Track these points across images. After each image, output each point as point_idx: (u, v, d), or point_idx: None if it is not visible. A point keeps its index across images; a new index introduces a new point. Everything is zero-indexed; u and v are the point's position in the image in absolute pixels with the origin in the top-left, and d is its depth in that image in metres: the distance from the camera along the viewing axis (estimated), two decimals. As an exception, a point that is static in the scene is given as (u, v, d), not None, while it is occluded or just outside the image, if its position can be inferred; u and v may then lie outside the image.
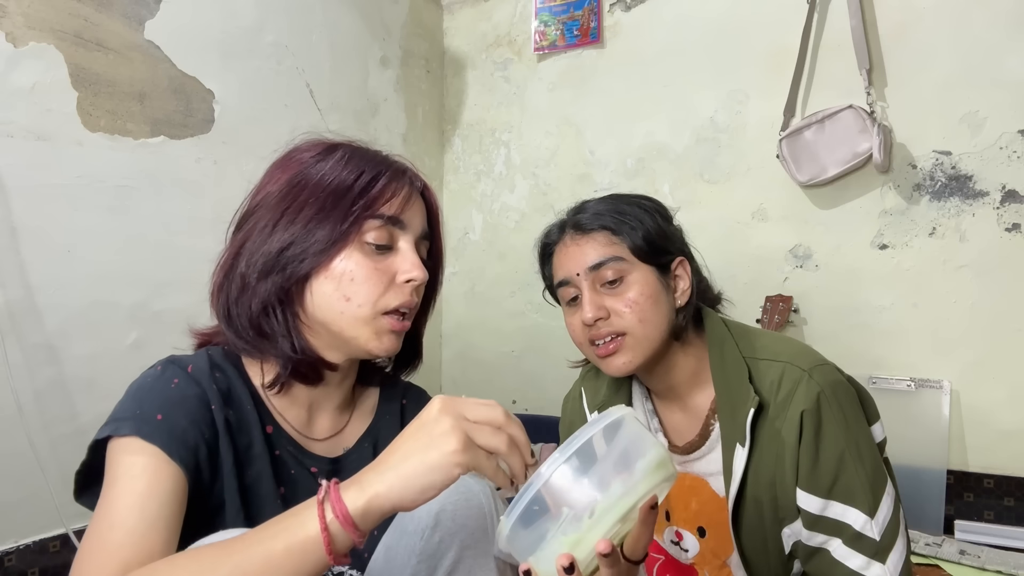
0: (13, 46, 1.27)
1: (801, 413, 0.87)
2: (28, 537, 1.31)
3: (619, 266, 0.93)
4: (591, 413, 1.08)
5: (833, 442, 0.86)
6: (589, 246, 0.95)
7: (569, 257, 0.97)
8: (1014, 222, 1.57)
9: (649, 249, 0.94)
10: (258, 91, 1.72)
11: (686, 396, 1.00)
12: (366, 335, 0.76)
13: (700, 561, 1.00)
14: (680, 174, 1.96)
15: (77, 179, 1.37)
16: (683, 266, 0.98)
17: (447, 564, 0.72)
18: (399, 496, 0.57)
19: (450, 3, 2.39)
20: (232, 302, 0.77)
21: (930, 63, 1.63)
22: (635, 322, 0.91)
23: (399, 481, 0.57)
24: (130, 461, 0.66)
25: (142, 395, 0.71)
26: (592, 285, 0.94)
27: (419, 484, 0.57)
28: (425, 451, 0.58)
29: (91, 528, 0.64)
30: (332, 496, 0.57)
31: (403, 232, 0.78)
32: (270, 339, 0.77)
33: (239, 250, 0.77)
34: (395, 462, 0.59)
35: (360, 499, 0.57)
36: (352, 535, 0.57)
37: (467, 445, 0.58)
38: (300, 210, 0.75)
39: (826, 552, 0.87)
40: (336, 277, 0.75)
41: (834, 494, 0.86)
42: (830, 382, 0.89)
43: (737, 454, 0.91)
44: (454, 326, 2.39)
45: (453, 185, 2.40)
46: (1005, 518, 1.56)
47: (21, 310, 1.29)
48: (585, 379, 1.15)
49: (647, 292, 0.92)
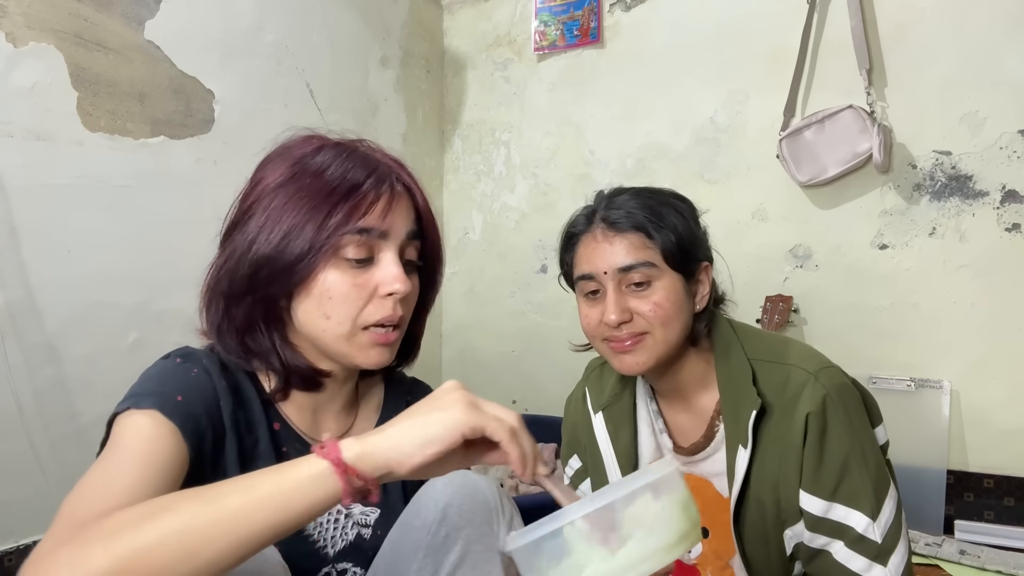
0: (13, 46, 1.27)
1: (806, 415, 0.87)
2: (28, 537, 1.31)
3: (649, 271, 0.90)
4: (595, 414, 1.08)
5: (837, 445, 0.86)
6: (620, 246, 0.92)
7: (598, 253, 0.93)
8: (1014, 222, 1.57)
9: (680, 256, 0.92)
10: (258, 91, 1.72)
11: (691, 397, 1.00)
12: (351, 351, 0.75)
13: (703, 561, 1.00)
14: (680, 174, 1.96)
15: (77, 179, 1.37)
16: (706, 272, 0.98)
17: (453, 558, 0.72)
18: (394, 447, 0.56)
19: (450, 3, 2.39)
20: (219, 320, 0.77)
21: (930, 63, 1.63)
22: (657, 325, 0.90)
23: (398, 433, 0.57)
24: (141, 424, 0.66)
25: (164, 376, 0.72)
26: (618, 286, 0.92)
27: (420, 435, 0.56)
28: (429, 412, 0.58)
29: (88, 473, 0.62)
30: (329, 444, 0.56)
31: (384, 241, 0.75)
32: (259, 356, 0.77)
33: (222, 267, 0.77)
34: (397, 420, 0.59)
35: (355, 447, 0.56)
36: (341, 480, 0.55)
37: (473, 407, 0.58)
38: (275, 228, 0.73)
39: (828, 554, 0.87)
40: (316, 295, 0.74)
41: (837, 496, 0.86)
42: (835, 385, 0.89)
43: (739, 456, 0.91)
44: (454, 326, 2.39)
45: (453, 185, 2.40)
46: (1005, 518, 1.56)
47: (21, 310, 1.29)
48: (589, 379, 1.14)
49: (672, 298, 0.91)
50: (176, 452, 0.66)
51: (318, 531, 0.77)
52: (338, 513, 0.79)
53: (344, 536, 0.79)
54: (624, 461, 1.02)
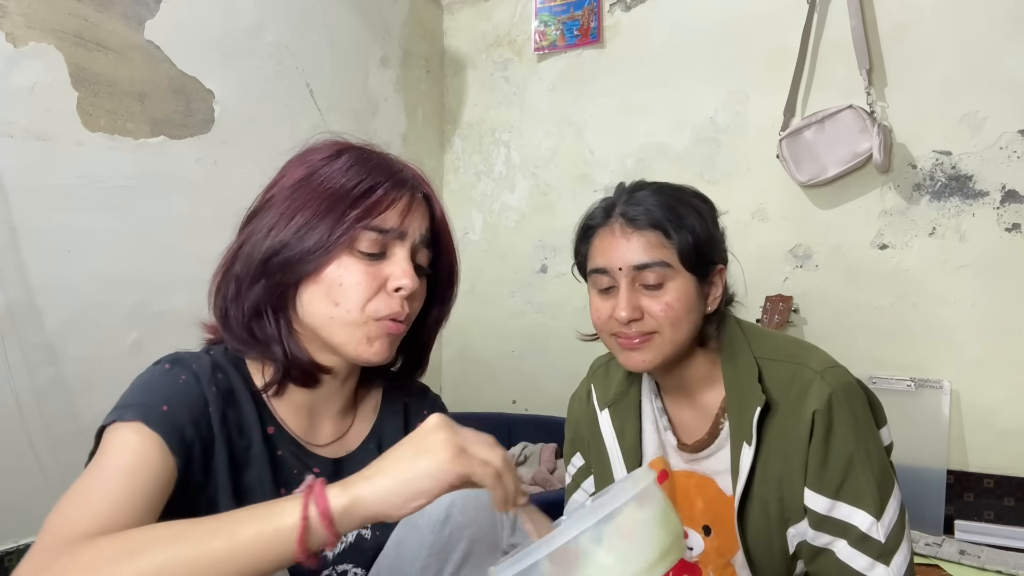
0: (13, 46, 1.27)
1: (813, 413, 0.87)
2: (28, 537, 1.31)
3: (663, 271, 0.90)
4: (601, 411, 1.08)
5: (843, 443, 0.87)
6: (637, 243, 0.91)
7: (614, 248, 0.93)
8: (1014, 222, 1.57)
9: (696, 258, 0.92)
10: (258, 91, 1.72)
11: (696, 395, 1.00)
12: (355, 341, 0.76)
13: (704, 560, 1.00)
14: (680, 174, 1.95)
15: (77, 179, 1.37)
16: (721, 274, 0.98)
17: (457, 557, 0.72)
18: (383, 500, 0.57)
19: (450, 3, 2.39)
20: (228, 303, 0.77)
21: (930, 63, 1.63)
22: (667, 325, 0.90)
23: (386, 484, 0.57)
24: (127, 438, 0.66)
25: (150, 387, 0.72)
26: (631, 283, 0.92)
27: (408, 490, 0.57)
28: (415, 457, 0.58)
29: (73, 489, 0.63)
30: (316, 490, 0.57)
31: (399, 241, 0.77)
32: (262, 343, 0.77)
33: (238, 251, 0.78)
34: (384, 466, 0.58)
35: (343, 498, 0.56)
36: (328, 532, 0.56)
37: (460, 453, 0.58)
38: (295, 215, 0.75)
39: (831, 552, 0.87)
40: (326, 283, 0.75)
41: (842, 495, 0.86)
42: (842, 384, 0.89)
43: (744, 453, 0.91)
44: (454, 326, 2.36)
45: (453, 185, 2.40)
46: (1005, 518, 1.56)
47: (21, 310, 1.29)
48: (595, 376, 1.14)
49: (684, 300, 0.91)
50: (161, 464, 0.66)
51: None
52: None
53: (344, 538, 0.79)
54: (630, 457, 1.03)
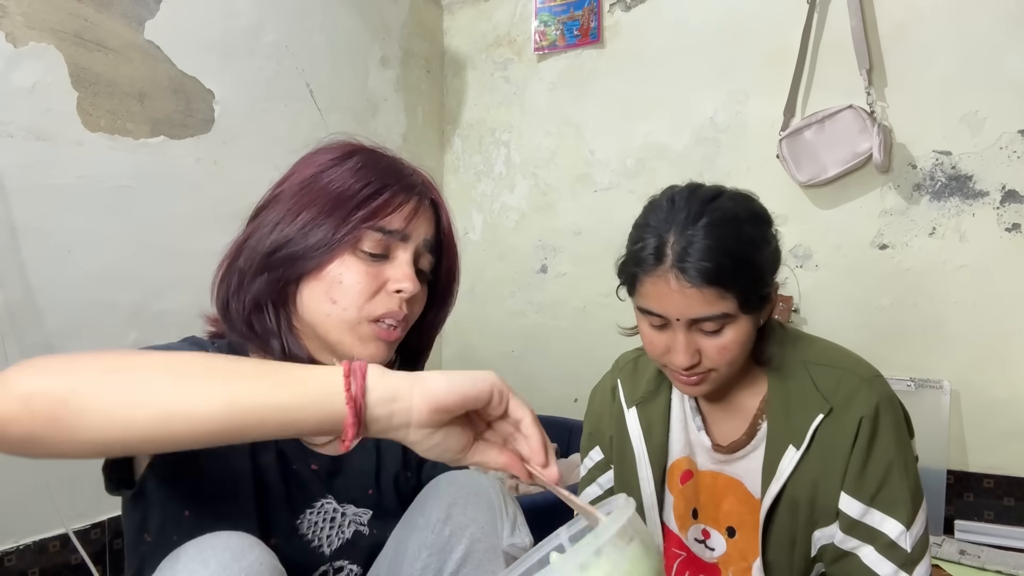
0: (13, 46, 1.27)
1: (860, 419, 0.88)
2: (28, 537, 1.31)
3: (722, 321, 0.88)
4: (628, 409, 1.07)
5: (884, 451, 0.88)
6: (695, 299, 0.86)
7: (669, 300, 0.88)
8: (1014, 222, 1.57)
9: (757, 299, 0.90)
10: (258, 91, 1.72)
11: (734, 397, 1.00)
12: (350, 340, 0.76)
13: (725, 561, 1.01)
14: (680, 174, 1.93)
15: (77, 179, 1.37)
16: (775, 290, 0.96)
17: (457, 557, 0.72)
18: (419, 379, 0.56)
19: (450, 3, 2.39)
20: (231, 294, 0.78)
21: (930, 63, 1.64)
22: (723, 364, 0.90)
23: (429, 375, 0.56)
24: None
25: None
26: (687, 329, 0.89)
27: (447, 378, 0.56)
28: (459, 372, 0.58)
29: None
30: (358, 365, 0.56)
31: (402, 244, 0.78)
32: (261, 337, 0.77)
33: (243, 243, 0.78)
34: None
35: (382, 374, 0.56)
36: (360, 389, 0.55)
37: (504, 382, 0.58)
38: (301, 212, 0.75)
39: (856, 557, 0.89)
40: (327, 280, 0.75)
41: (876, 502, 0.88)
42: (887, 393, 0.91)
43: (788, 455, 0.92)
44: (454, 326, 2.38)
45: (453, 185, 2.40)
46: (1005, 518, 1.56)
47: (21, 310, 1.29)
48: (622, 372, 1.12)
49: (741, 339, 0.89)
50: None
51: (313, 531, 0.77)
52: (334, 512, 0.80)
53: (341, 535, 0.79)
54: (655, 457, 1.03)
